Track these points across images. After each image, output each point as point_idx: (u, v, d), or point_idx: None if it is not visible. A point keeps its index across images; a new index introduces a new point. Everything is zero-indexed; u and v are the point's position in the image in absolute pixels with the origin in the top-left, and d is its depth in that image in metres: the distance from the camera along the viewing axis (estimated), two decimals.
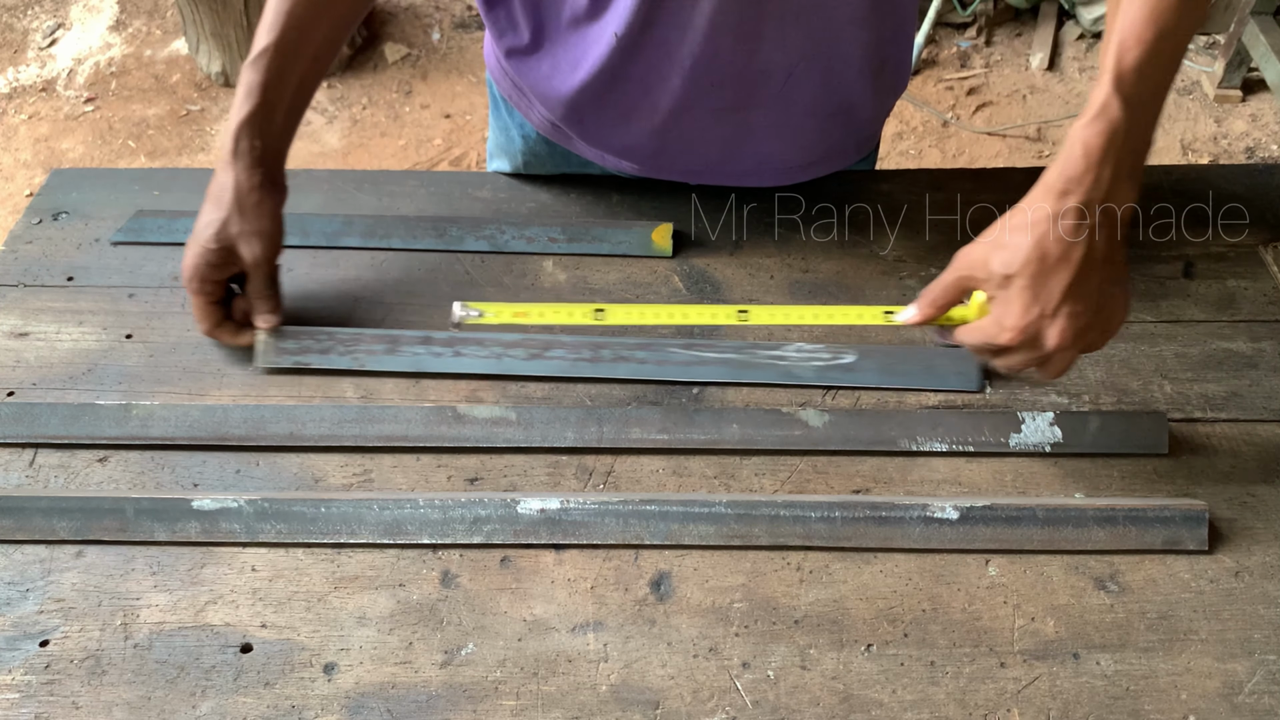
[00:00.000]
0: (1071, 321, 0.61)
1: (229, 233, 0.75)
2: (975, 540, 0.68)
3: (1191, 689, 0.62)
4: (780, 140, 0.87)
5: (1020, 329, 0.61)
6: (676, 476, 0.73)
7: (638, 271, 0.88)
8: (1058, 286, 0.60)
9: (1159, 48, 0.60)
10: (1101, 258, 0.61)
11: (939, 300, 0.68)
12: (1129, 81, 0.60)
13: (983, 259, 0.63)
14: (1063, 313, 0.60)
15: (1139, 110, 0.60)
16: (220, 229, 0.75)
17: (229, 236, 0.75)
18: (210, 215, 0.75)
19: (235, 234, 0.75)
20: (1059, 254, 0.60)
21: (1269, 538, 0.69)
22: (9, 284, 0.87)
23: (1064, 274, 0.60)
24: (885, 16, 0.80)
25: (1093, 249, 0.60)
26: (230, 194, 0.75)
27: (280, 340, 0.79)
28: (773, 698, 0.62)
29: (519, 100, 0.92)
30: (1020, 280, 0.61)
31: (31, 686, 0.62)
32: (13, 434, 0.75)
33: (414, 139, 2.53)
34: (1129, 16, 0.61)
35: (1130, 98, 0.60)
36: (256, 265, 0.76)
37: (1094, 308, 0.61)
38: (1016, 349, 0.63)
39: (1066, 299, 0.60)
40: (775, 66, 0.79)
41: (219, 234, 0.75)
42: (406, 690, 0.62)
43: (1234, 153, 2.43)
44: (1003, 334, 0.62)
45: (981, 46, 2.74)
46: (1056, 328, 0.61)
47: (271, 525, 0.69)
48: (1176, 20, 0.60)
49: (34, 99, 2.67)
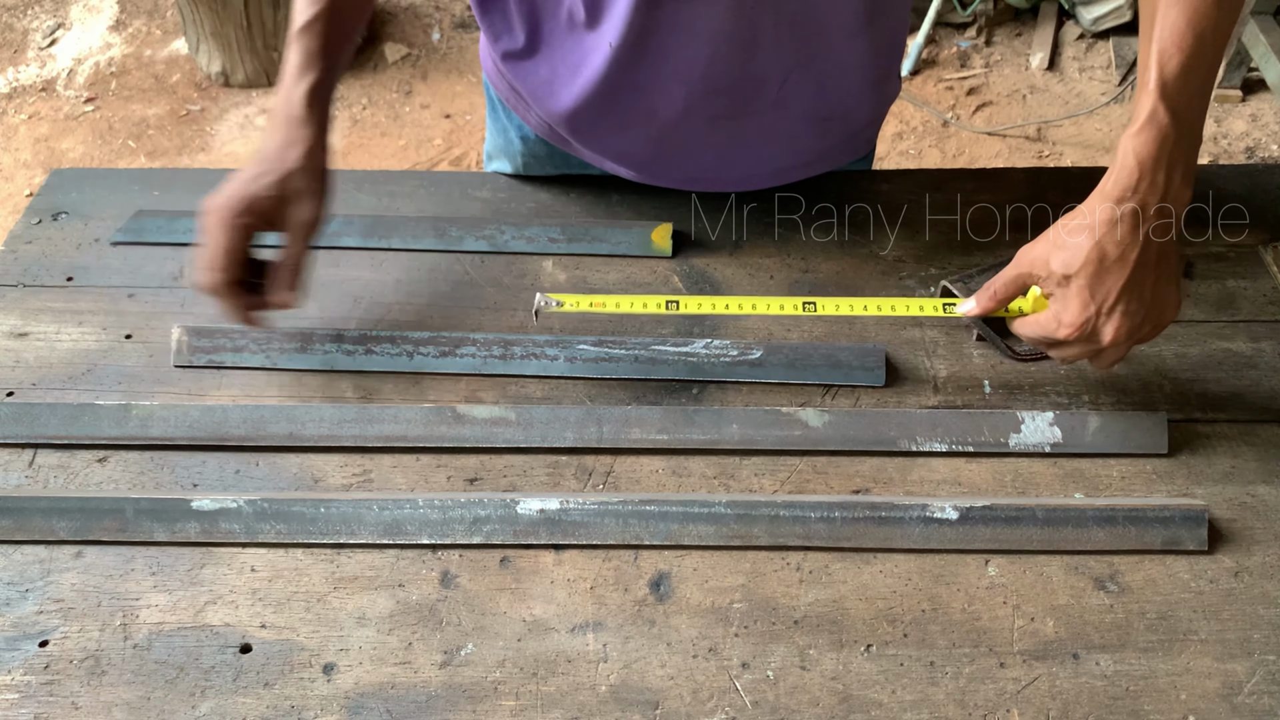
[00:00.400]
0: (1126, 319, 0.64)
1: (290, 187, 0.70)
2: (975, 540, 0.68)
3: (1191, 689, 0.62)
4: (776, 145, 0.88)
5: (1078, 325, 0.64)
6: (676, 476, 0.73)
7: (638, 271, 0.88)
8: (1114, 286, 0.64)
9: (1199, 51, 0.62)
10: (1155, 258, 0.64)
11: (1000, 294, 0.70)
12: (1173, 88, 0.63)
13: (1044, 258, 0.66)
14: (1118, 311, 0.64)
15: (1185, 113, 0.63)
16: (282, 180, 0.70)
17: (289, 189, 0.70)
18: (270, 165, 0.70)
19: (299, 189, 0.71)
20: (1116, 256, 0.63)
21: (1269, 538, 0.69)
22: (9, 284, 0.87)
23: (1120, 275, 0.63)
24: (880, 28, 0.81)
25: (1147, 251, 0.64)
26: (300, 151, 0.71)
27: (195, 339, 0.80)
28: (772, 698, 0.62)
29: (516, 103, 0.92)
30: (1079, 280, 0.64)
31: (31, 687, 0.62)
32: (13, 434, 0.75)
33: (414, 139, 2.53)
34: (1167, 22, 0.63)
35: (1176, 103, 0.63)
36: (304, 228, 0.72)
37: (1147, 305, 0.65)
38: (1073, 343, 0.66)
39: (1122, 298, 0.64)
40: (770, 74, 0.79)
41: (280, 184, 0.70)
42: (406, 690, 0.62)
43: (1234, 153, 2.43)
44: (1061, 329, 0.65)
45: (981, 46, 2.74)
46: (1112, 325, 0.64)
47: (271, 525, 0.69)
48: (1215, 22, 0.62)
49: (34, 99, 2.67)
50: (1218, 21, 0.63)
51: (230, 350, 0.80)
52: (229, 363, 0.80)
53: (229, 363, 0.80)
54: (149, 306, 0.85)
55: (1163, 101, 0.62)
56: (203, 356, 0.80)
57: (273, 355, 0.80)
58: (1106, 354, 0.67)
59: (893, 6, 0.81)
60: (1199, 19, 0.62)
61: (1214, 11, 0.62)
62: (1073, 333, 0.65)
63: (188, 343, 0.80)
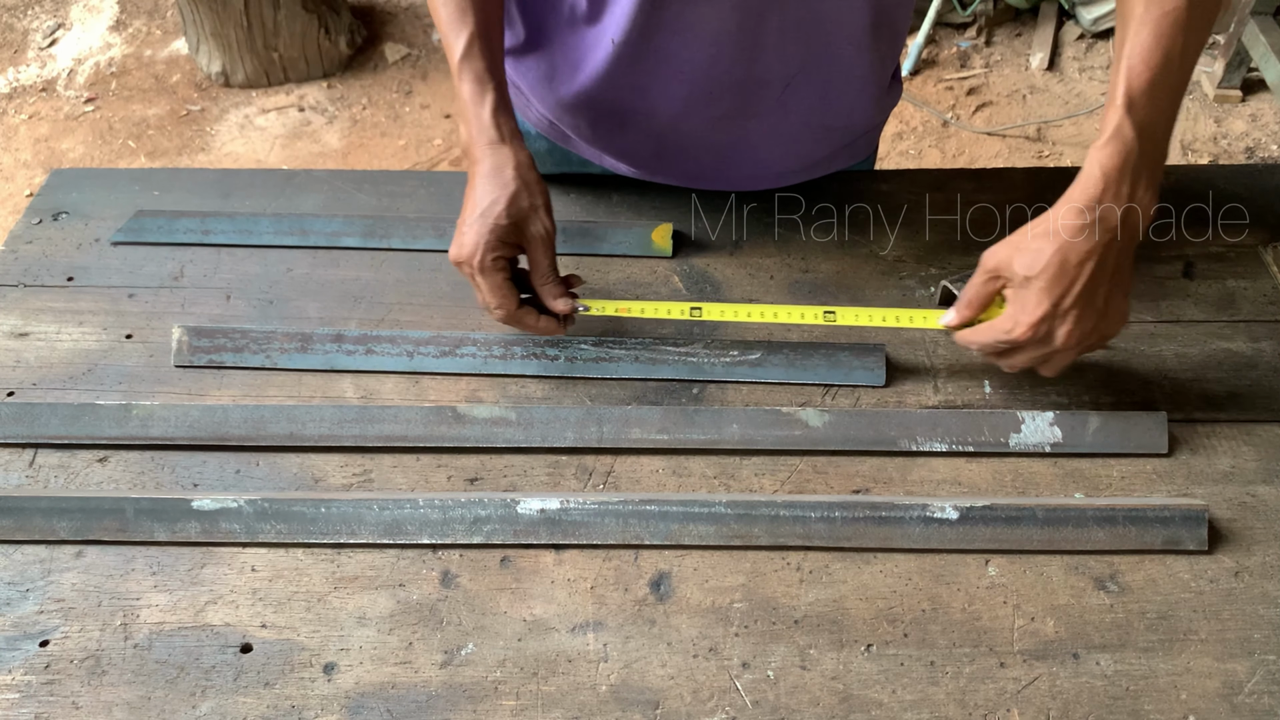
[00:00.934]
0: (1079, 325, 0.66)
1: (520, 207, 0.72)
2: (975, 540, 0.68)
3: (1191, 689, 0.62)
4: (776, 148, 0.88)
5: (1034, 325, 0.66)
6: (676, 476, 0.73)
7: (638, 271, 0.88)
8: (1072, 291, 0.65)
9: (1166, 69, 0.64)
10: (1113, 268, 0.66)
11: (974, 302, 0.72)
12: (1140, 104, 0.65)
13: (1007, 260, 0.68)
14: (1072, 315, 0.66)
15: (1150, 129, 0.65)
16: (510, 204, 0.72)
17: (520, 210, 0.72)
18: (494, 194, 0.72)
19: (527, 208, 0.73)
20: (1076, 262, 0.65)
21: (1269, 538, 0.69)
22: (9, 284, 0.87)
23: (1079, 280, 0.65)
24: (883, 38, 0.81)
25: (1105, 260, 0.66)
26: (512, 170, 0.72)
27: (195, 339, 0.80)
28: (773, 698, 0.62)
29: (516, 99, 0.92)
30: (1039, 282, 0.66)
31: (31, 686, 0.62)
32: (13, 434, 0.75)
33: (414, 139, 2.53)
34: (1138, 40, 0.64)
35: (1142, 118, 0.65)
36: (545, 241, 0.74)
37: (1099, 313, 0.67)
38: (1026, 345, 0.68)
39: (1078, 303, 0.66)
40: (773, 77, 0.80)
41: (510, 210, 0.72)
42: (406, 690, 0.62)
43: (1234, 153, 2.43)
44: (1017, 329, 0.67)
45: (981, 46, 2.74)
46: (1065, 328, 0.66)
47: (271, 525, 0.69)
48: (1183, 42, 0.64)
49: (34, 99, 2.67)
50: (1186, 43, 0.65)
51: (230, 350, 0.80)
52: (229, 363, 0.80)
53: (229, 363, 0.80)
54: (149, 306, 0.85)
55: (1129, 117, 0.65)
56: (203, 356, 0.80)
57: (273, 355, 0.80)
58: (1056, 358, 0.69)
59: (897, 18, 0.82)
60: (1168, 39, 0.64)
61: (1182, 34, 0.64)
62: (1028, 332, 0.66)
63: (188, 343, 0.80)
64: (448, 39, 0.74)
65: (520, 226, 0.73)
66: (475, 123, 0.73)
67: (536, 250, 0.74)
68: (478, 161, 0.73)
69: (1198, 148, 2.45)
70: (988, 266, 0.70)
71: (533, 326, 0.76)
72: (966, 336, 0.72)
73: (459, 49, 0.74)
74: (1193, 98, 2.58)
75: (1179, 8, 0.64)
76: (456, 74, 0.74)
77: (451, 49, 0.74)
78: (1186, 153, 2.44)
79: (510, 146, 0.73)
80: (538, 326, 0.76)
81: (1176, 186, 0.95)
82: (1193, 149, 2.45)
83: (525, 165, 0.73)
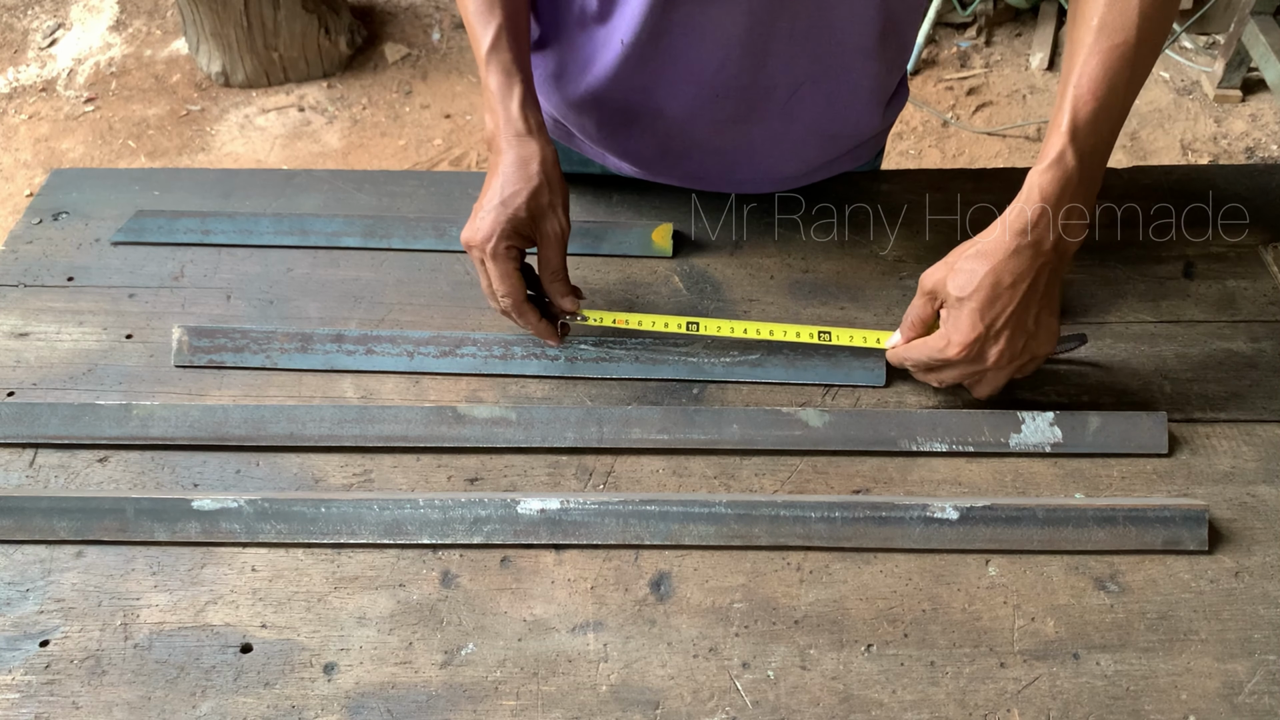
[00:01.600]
0: (1009, 344, 0.69)
1: (540, 202, 0.73)
2: (975, 540, 0.68)
3: (1191, 689, 0.62)
4: (780, 153, 0.88)
5: (967, 344, 0.68)
6: (676, 476, 0.73)
7: (638, 271, 0.88)
8: (1004, 312, 0.67)
9: (1111, 100, 0.66)
10: (1044, 290, 0.68)
11: (915, 323, 0.74)
12: (1083, 132, 0.66)
13: (942, 280, 0.70)
14: (1004, 335, 0.68)
15: (1091, 156, 0.67)
16: (531, 198, 0.72)
17: (540, 206, 0.73)
18: (516, 184, 0.72)
19: (546, 204, 0.73)
20: (1009, 284, 0.67)
21: (1269, 538, 0.69)
22: (9, 284, 0.87)
23: (1010, 301, 0.67)
24: (891, 46, 0.81)
25: (1037, 283, 0.68)
26: (537, 165, 0.73)
27: (195, 339, 0.79)
28: (773, 698, 0.62)
29: None
30: (972, 303, 0.67)
31: (31, 686, 0.62)
32: (13, 434, 0.75)
33: (414, 139, 2.53)
34: (1086, 69, 0.66)
35: (1083, 147, 0.67)
36: (559, 239, 0.74)
37: (1029, 333, 0.69)
38: (957, 363, 0.70)
39: (1009, 324, 0.68)
40: (780, 83, 0.80)
41: (530, 203, 0.72)
42: (406, 690, 0.62)
43: (1234, 153, 2.43)
44: (950, 348, 0.69)
45: (981, 46, 2.74)
46: (997, 348, 0.68)
47: (271, 525, 0.69)
48: (1129, 76, 0.66)
49: (34, 99, 2.67)
50: (1131, 77, 0.67)
51: (231, 350, 0.80)
52: (229, 363, 0.80)
53: (229, 363, 0.80)
54: (149, 306, 0.85)
55: (1072, 145, 0.66)
56: (203, 356, 0.80)
57: (273, 355, 0.80)
58: (987, 378, 0.71)
59: (906, 26, 0.82)
60: (1114, 72, 0.66)
61: (1129, 68, 0.66)
62: (961, 352, 0.68)
63: (188, 342, 0.80)
64: (474, 30, 0.75)
65: (537, 221, 0.73)
66: (503, 114, 0.74)
67: (549, 247, 0.75)
68: (502, 152, 0.74)
69: (1198, 148, 2.45)
70: (925, 288, 0.71)
71: (533, 325, 0.77)
72: (900, 354, 0.74)
73: (486, 41, 0.74)
74: (1193, 98, 2.58)
75: (1128, 42, 0.66)
76: (484, 65, 0.74)
77: (479, 41, 0.74)
78: (1186, 153, 2.44)
79: (537, 140, 0.74)
80: (537, 326, 0.77)
81: (1176, 186, 0.95)
82: (1193, 149, 2.45)
83: (550, 161, 0.74)
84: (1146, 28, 0.66)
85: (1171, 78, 2.64)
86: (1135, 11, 0.66)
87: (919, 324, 0.74)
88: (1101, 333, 0.82)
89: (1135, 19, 0.66)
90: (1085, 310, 0.84)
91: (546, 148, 0.74)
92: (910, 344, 0.73)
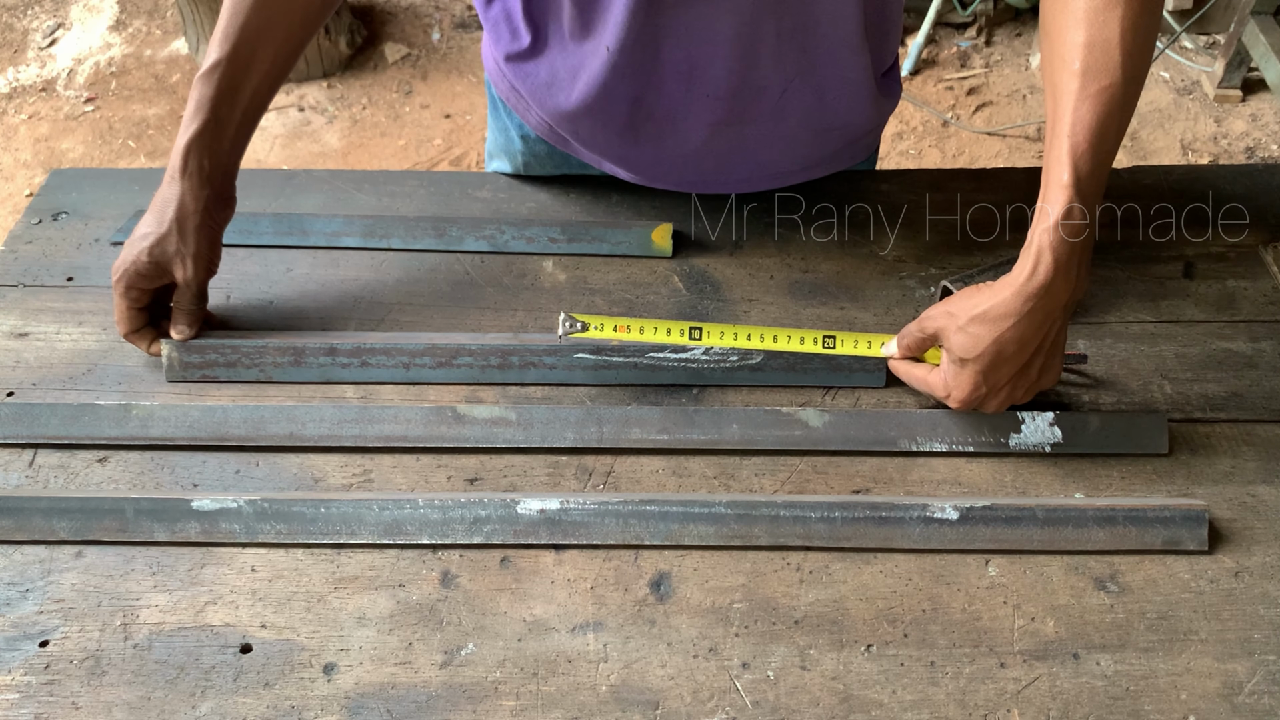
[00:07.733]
0: (1009, 396, 0.70)
1: (165, 250, 0.75)
2: (975, 540, 0.68)
3: (1191, 689, 0.62)
4: (775, 152, 0.88)
5: (965, 401, 0.70)
6: (676, 477, 0.73)
7: (638, 272, 0.88)
8: (1007, 374, 0.68)
9: (1108, 145, 0.65)
10: (1052, 341, 0.68)
11: (912, 347, 0.74)
12: (1086, 184, 0.64)
13: (945, 331, 0.70)
14: (1005, 389, 0.69)
15: (1094, 199, 0.65)
16: (156, 244, 0.74)
17: (165, 254, 0.75)
18: (150, 228, 0.75)
19: (172, 253, 0.75)
20: (1014, 351, 0.67)
21: (1269, 538, 0.69)
22: (9, 284, 0.87)
23: (1015, 365, 0.68)
24: (878, 39, 0.81)
25: (1045, 340, 0.68)
26: (173, 211, 0.75)
27: (186, 354, 0.79)
28: (773, 698, 0.62)
29: (517, 103, 0.92)
30: (974, 366, 0.68)
31: (31, 687, 0.62)
32: (13, 434, 0.75)
33: (414, 139, 2.53)
34: (1079, 117, 0.64)
35: (1088, 198, 0.65)
36: (187, 285, 0.77)
37: (1032, 380, 0.70)
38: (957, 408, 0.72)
39: (1010, 382, 0.69)
40: (770, 82, 0.80)
41: (153, 249, 0.74)
42: (406, 690, 0.62)
43: (1234, 153, 2.43)
44: (950, 399, 0.71)
45: (981, 46, 2.74)
46: (996, 400, 0.70)
47: (271, 525, 0.69)
48: (1119, 119, 0.64)
49: (34, 99, 2.67)
50: (1121, 120, 0.65)
51: (223, 365, 0.79)
52: (222, 377, 0.79)
53: (222, 377, 0.79)
54: None
55: (1078, 199, 0.64)
56: (195, 372, 0.79)
57: (267, 369, 0.79)
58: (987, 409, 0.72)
59: (888, 16, 0.82)
60: (1107, 116, 0.64)
61: (1119, 111, 0.64)
62: (960, 406, 0.70)
63: (178, 359, 0.79)
64: (208, 49, 0.76)
65: (162, 267, 0.75)
66: (175, 147, 0.75)
67: (179, 288, 0.77)
68: (160, 187, 0.76)
69: (1198, 148, 2.45)
70: (927, 330, 0.72)
71: (141, 348, 0.79)
72: (903, 372, 0.75)
73: (204, 67, 0.75)
74: (1193, 98, 2.58)
75: (1115, 84, 0.63)
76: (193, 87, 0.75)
77: (204, 61, 0.75)
78: (1186, 153, 2.44)
79: (184, 184, 0.75)
80: (145, 350, 0.79)
81: (1177, 186, 0.95)
82: (1193, 149, 2.45)
83: (189, 209, 0.75)
84: (1130, 65, 0.64)
85: (1171, 78, 2.64)
86: (1117, 51, 0.63)
87: (915, 347, 0.74)
88: (1101, 333, 0.82)
89: (1119, 58, 0.63)
90: (1085, 310, 0.84)
91: (190, 194, 0.74)
92: (910, 372, 0.74)
